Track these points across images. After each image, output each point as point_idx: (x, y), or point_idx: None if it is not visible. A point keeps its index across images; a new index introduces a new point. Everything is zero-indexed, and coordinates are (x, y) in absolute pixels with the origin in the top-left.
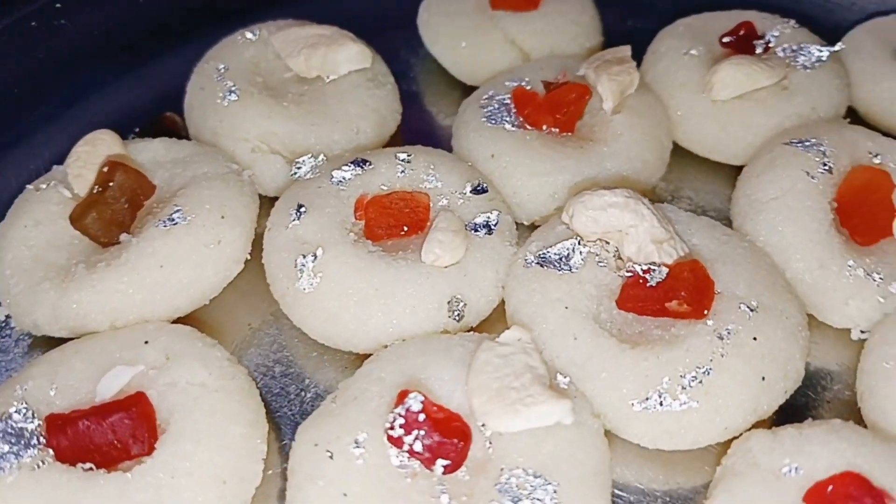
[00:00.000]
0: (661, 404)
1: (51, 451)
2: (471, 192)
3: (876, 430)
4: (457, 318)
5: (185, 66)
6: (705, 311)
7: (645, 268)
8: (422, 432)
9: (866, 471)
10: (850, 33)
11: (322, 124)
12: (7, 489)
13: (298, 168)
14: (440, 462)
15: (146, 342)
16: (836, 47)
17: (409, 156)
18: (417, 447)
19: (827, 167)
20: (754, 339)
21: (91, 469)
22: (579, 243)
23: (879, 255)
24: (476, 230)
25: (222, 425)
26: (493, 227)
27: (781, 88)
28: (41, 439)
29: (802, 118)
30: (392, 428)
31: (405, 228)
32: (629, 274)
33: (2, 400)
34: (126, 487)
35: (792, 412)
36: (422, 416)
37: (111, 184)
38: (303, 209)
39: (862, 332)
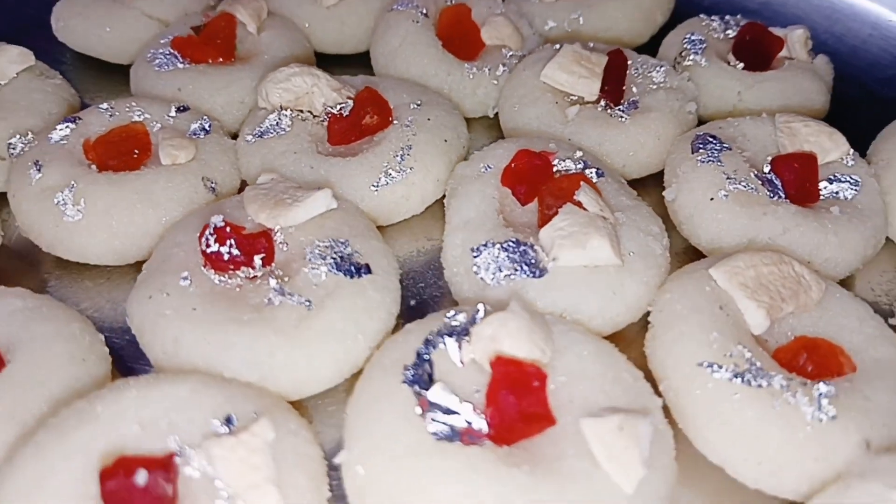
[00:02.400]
0: (390, 178)
1: None
2: (176, 112)
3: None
4: (213, 191)
5: None
6: (390, 119)
7: (337, 108)
8: (233, 240)
9: (526, 147)
10: None
11: (11, 118)
12: None
13: (13, 149)
14: (257, 257)
15: None
16: None
17: (110, 105)
18: (235, 251)
19: (423, 13)
20: (428, 119)
21: None
22: (281, 111)
23: (483, 59)
24: (196, 134)
25: (59, 329)
26: (207, 128)
27: None
28: None
29: None
30: (208, 245)
31: (136, 153)
32: (328, 117)
33: None
34: None
35: None
36: (227, 229)
37: None
38: (39, 164)
39: (493, 108)
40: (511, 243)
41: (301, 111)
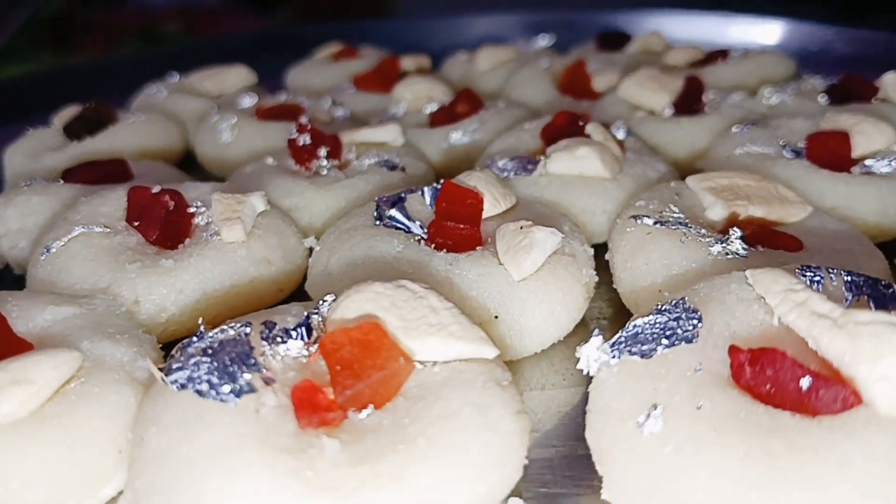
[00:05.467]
0: (458, 138)
1: None
2: (331, 104)
3: None
4: None
5: None
6: (480, 109)
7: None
8: (309, 133)
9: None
10: None
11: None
12: None
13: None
14: (323, 148)
15: None
16: None
17: (288, 94)
18: (307, 140)
19: (546, 67)
20: (506, 109)
21: None
22: (401, 103)
23: None
24: (337, 117)
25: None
26: (347, 115)
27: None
28: None
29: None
30: (291, 133)
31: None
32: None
33: None
34: None
35: None
36: (308, 126)
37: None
38: (218, 110)
39: None
40: (521, 158)
41: (418, 108)
